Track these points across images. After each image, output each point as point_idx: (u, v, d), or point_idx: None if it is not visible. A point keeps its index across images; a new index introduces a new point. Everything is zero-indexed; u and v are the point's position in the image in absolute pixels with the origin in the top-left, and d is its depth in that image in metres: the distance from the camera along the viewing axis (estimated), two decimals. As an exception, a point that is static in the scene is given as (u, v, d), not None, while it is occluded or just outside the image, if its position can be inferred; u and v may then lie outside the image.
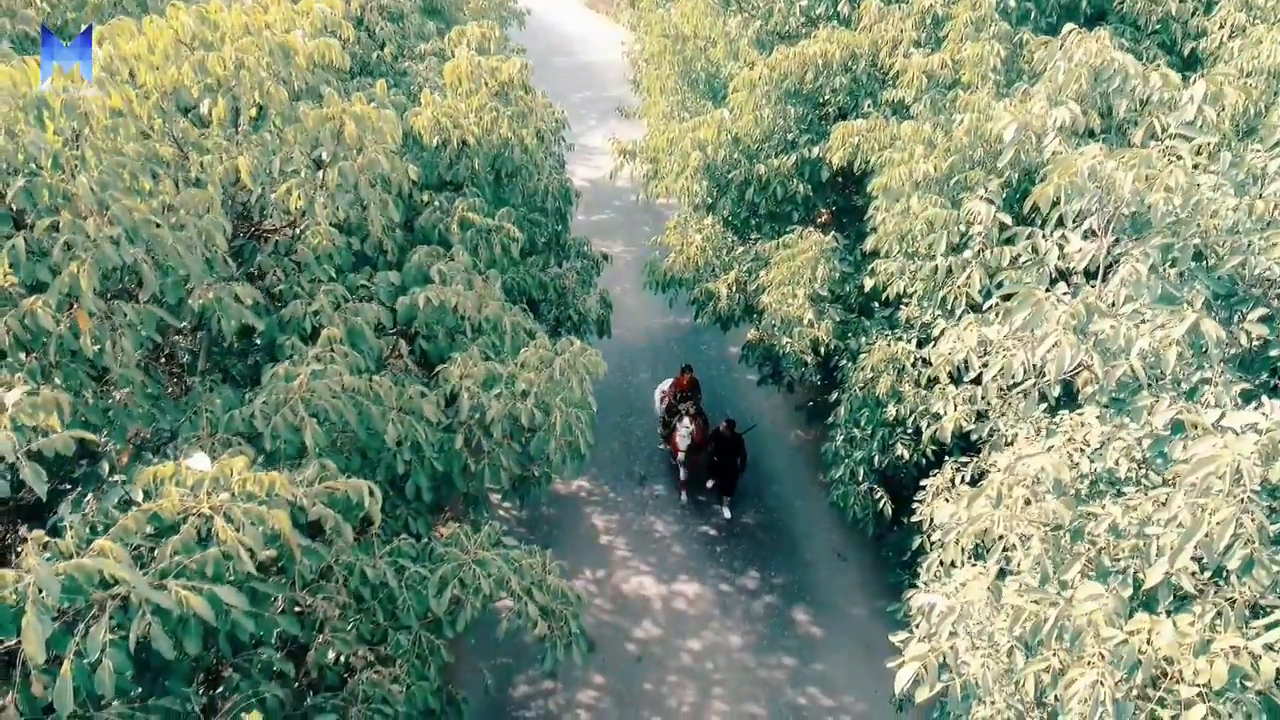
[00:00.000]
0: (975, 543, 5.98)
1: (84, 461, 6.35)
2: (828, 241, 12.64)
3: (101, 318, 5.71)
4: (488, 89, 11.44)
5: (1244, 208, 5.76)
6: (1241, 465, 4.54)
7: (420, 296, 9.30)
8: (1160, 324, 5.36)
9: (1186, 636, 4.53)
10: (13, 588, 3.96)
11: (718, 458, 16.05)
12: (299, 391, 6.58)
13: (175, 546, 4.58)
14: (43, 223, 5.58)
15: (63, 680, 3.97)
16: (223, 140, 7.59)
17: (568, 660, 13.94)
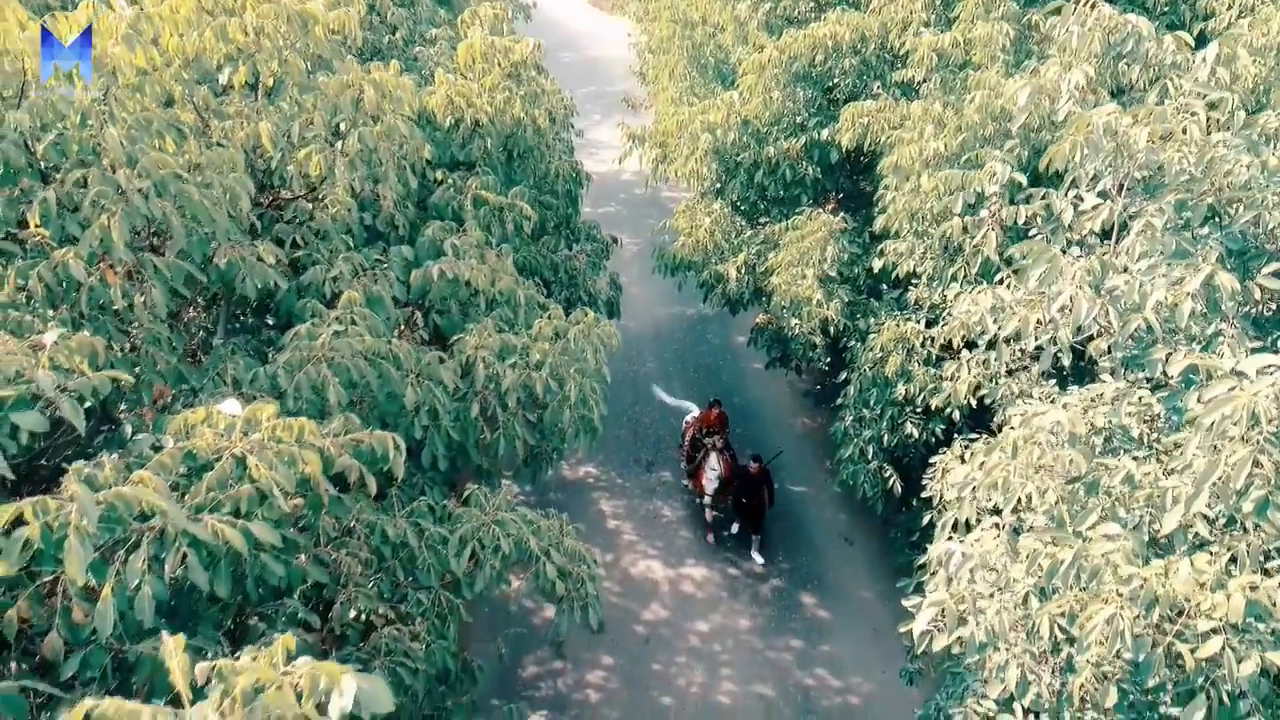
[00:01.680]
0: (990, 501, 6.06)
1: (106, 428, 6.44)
2: (837, 223, 12.74)
3: (131, 270, 5.80)
4: (500, 69, 11.54)
5: (1257, 165, 5.85)
6: (1258, 407, 4.62)
7: (434, 269, 9.39)
8: (1175, 278, 5.45)
9: (1203, 574, 4.61)
10: (55, 514, 4.05)
11: (745, 498, 15.08)
12: (321, 351, 6.66)
13: (210, 483, 4.68)
14: (72, 175, 5.67)
15: (103, 604, 4.05)
16: (243, 107, 7.68)
17: (577, 641, 14.16)
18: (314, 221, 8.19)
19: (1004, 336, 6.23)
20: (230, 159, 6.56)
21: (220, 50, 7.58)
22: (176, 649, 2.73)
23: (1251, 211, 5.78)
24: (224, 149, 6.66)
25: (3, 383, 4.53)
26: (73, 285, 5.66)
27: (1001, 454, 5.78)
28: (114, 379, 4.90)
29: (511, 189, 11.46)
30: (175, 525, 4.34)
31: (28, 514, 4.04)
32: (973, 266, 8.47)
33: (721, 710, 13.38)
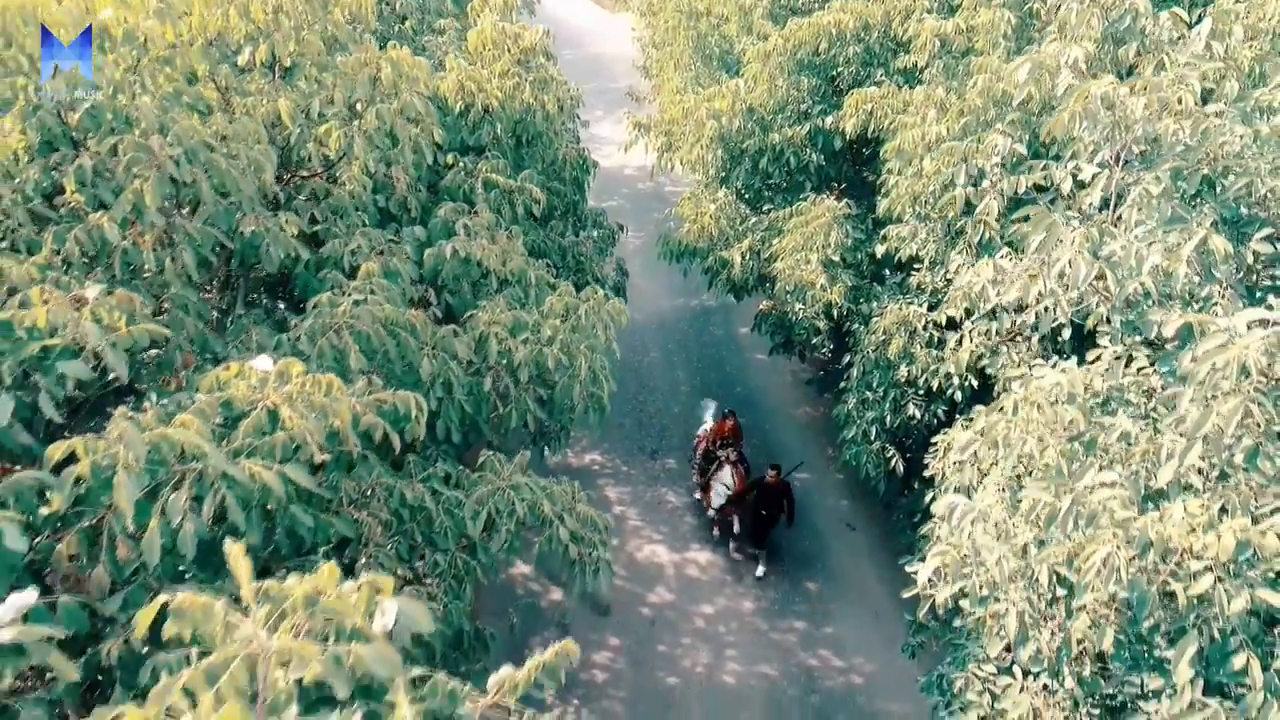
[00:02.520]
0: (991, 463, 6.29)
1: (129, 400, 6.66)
2: (840, 208, 12.97)
3: (162, 235, 6.03)
4: (511, 55, 11.77)
5: (1249, 135, 6.07)
6: (1248, 360, 4.85)
7: (448, 248, 9.63)
8: (1171, 243, 5.68)
9: (1195, 518, 4.83)
10: (103, 453, 4.27)
11: (764, 510, 14.56)
12: (343, 318, 6.89)
13: (247, 429, 4.90)
14: (107, 141, 5.90)
15: (150, 536, 4.28)
16: (263, 85, 7.91)
17: (584, 623, 14.38)
18: (331, 198, 8.41)
19: (1005, 302, 6.45)
20: (254, 131, 6.79)
21: (241, 29, 7.82)
22: (239, 554, 2.94)
23: (1244, 179, 6.01)
24: (248, 121, 6.88)
25: (49, 333, 4.75)
26: (107, 248, 5.89)
27: (1001, 414, 6.00)
28: (151, 333, 5.13)
29: (520, 174, 11.69)
30: (215, 467, 4.56)
31: (79, 451, 4.26)
32: (975, 235, 8.68)
33: (726, 690, 13.59)
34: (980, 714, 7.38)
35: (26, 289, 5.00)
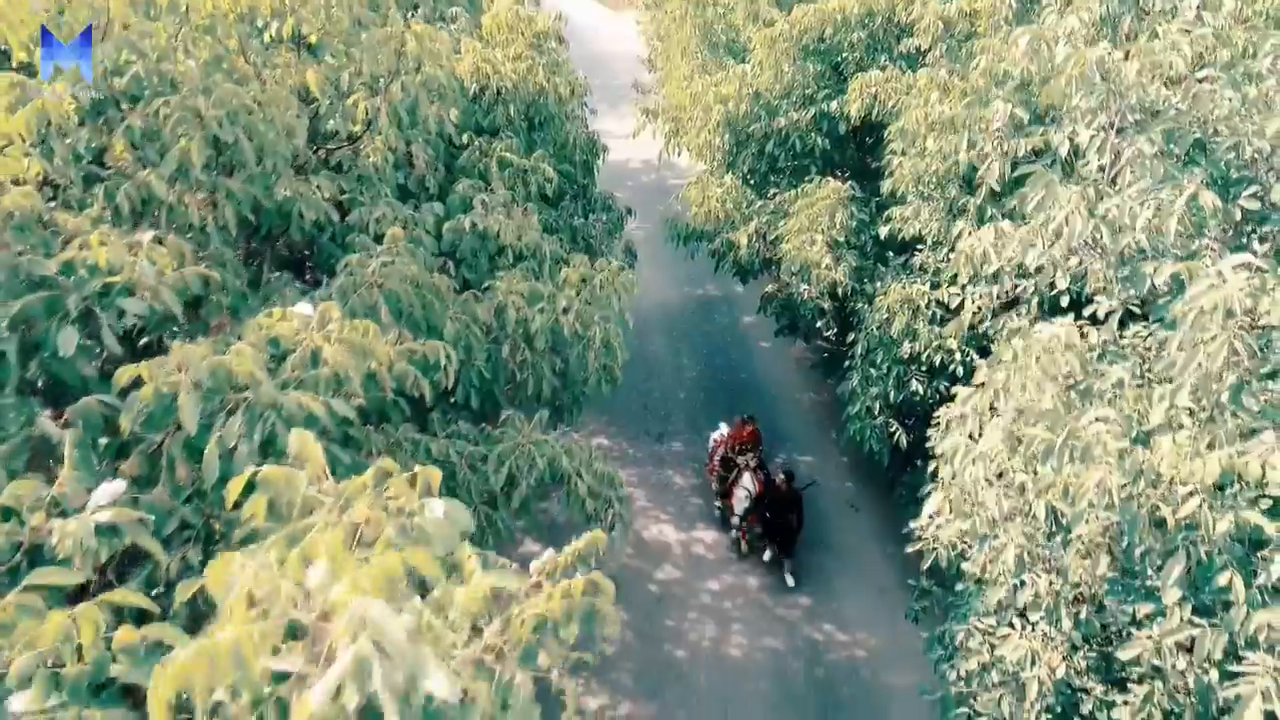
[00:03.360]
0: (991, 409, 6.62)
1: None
2: (845, 189, 13.32)
3: (206, 192, 6.38)
4: (524, 38, 12.11)
5: (1238, 99, 6.41)
6: (1233, 302, 5.19)
7: (465, 221, 10.00)
8: (1163, 199, 6.01)
9: (1183, 448, 5.16)
10: (165, 379, 4.61)
11: (771, 515, 14.46)
12: (373, 277, 7.23)
13: (294, 364, 5.24)
14: (155, 103, 6.24)
15: (209, 455, 4.61)
16: (290, 58, 8.26)
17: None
18: (356, 168, 8.75)
19: (1005, 260, 6.78)
20: (287, 99, 7.13)
21: (268, 4, 8.18)
22: (310, 440, 3.28)
23: (1232, 140, 6.34)
24: (280, 89, 7.23)
25: (108, 272, 5.10)
26: (154, 204, 6.23)
27: (1002, 364, 6.35)
28: (201, 275, 5.47)
29: (533, 154, 12.04)
30: (266, 397, 4.90)
31: (144, 375, 4.61)
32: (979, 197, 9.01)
33: (732, 662, 13.93)
34: (981, 662, 7.71)
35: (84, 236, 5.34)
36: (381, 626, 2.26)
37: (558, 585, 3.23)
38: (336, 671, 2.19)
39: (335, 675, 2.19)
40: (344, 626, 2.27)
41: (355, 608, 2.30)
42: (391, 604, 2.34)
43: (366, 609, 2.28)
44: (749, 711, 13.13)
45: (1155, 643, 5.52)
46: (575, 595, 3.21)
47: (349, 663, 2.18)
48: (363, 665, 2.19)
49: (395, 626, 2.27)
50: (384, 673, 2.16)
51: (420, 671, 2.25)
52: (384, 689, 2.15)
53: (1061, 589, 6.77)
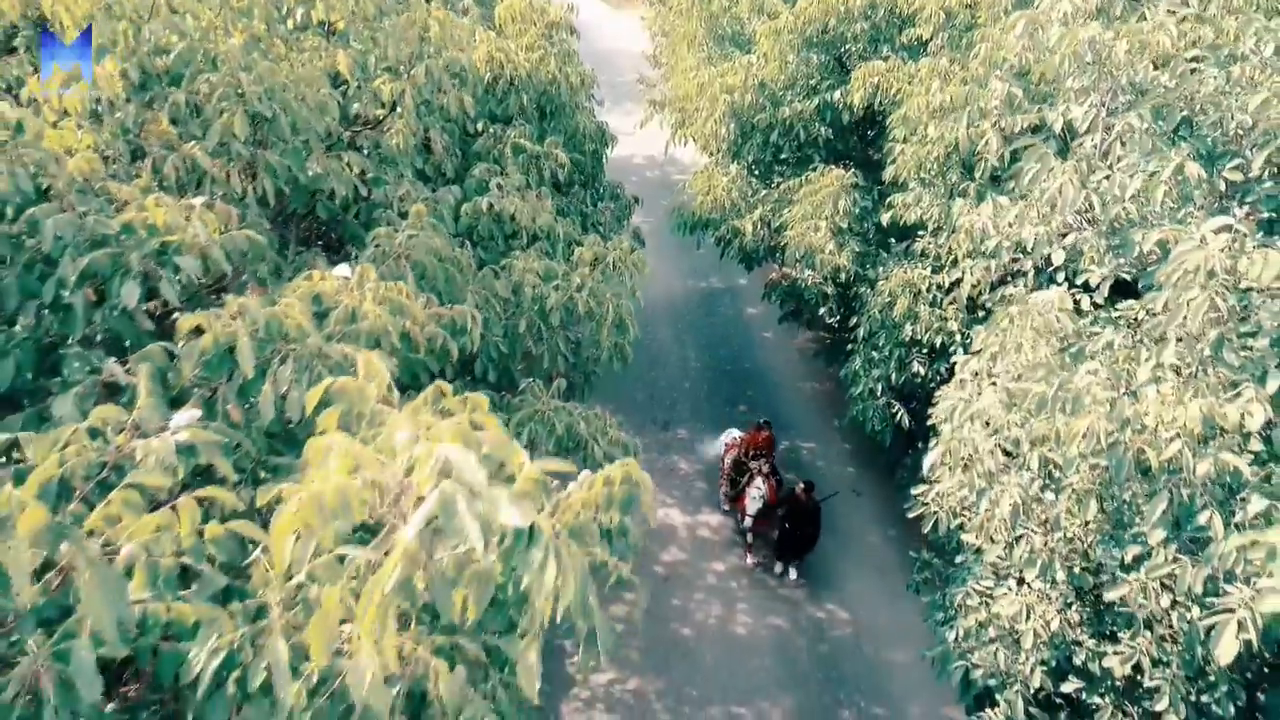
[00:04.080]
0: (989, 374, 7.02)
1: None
2: (848, 177, 13.72)
3: (245, 164, 6.77)
4: (537, 28, 12.51)
5: (1222, 78, 6.80)
6: (1214, 262, 5.58)
7: (483, 203, 10.40)
8: (1150, 170, 6.41)
9: (1167, 397, 5.55)
10: (222, 328, 5.00)
11: (790, 526, 14.34)
12: (400, 249, 7.63)
13: (336, 319, 5.64)
14: (200, 79, 6.64)
15: (265, 398, 5.00)
16: (318, 42, 8.66)
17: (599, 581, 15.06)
18: (380, 149, 9.15)
19: (1003, 230, 7.17)
20: (320, 78, 7.53)
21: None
22: (373, 359, 3.67)
23: (1216, 115, 6.73)
24: (313, 69, 7.63)
25: (165, 232, 5.50)
26: (199, 175, 6.63)
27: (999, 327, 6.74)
28: (248, 238, 5.87)
29: (546, 140, 12.43)
30: (313, 347, 5.29)
31: (205, 324, 5.00)
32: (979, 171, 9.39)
33: (737, 639, 14.32)
34: (977, 619, 8.10)
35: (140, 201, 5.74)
36: (463, 467, 2.64)
37: (599, 475, 3.62)
38: (427, 507, 2.58)
39: (426, 511, 2.58)
40: (430, 471, 2.66)
41: (439, 452, 2.68)
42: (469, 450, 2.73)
43: (449, 453, 2.67)
44: (754, 686, 13.52)
45: (1141, 583, 5.91)
46: (616, 484, 3.60)
47: (437, 499, 2.57)
48: (449, 501, 2.57)
49: (475, 467, 2.65)
50: (468, 505, 2.54)
51: (495, 506, 2.64)
52: (469, 519, 2.53)
53: (1056, 544, 7.16)
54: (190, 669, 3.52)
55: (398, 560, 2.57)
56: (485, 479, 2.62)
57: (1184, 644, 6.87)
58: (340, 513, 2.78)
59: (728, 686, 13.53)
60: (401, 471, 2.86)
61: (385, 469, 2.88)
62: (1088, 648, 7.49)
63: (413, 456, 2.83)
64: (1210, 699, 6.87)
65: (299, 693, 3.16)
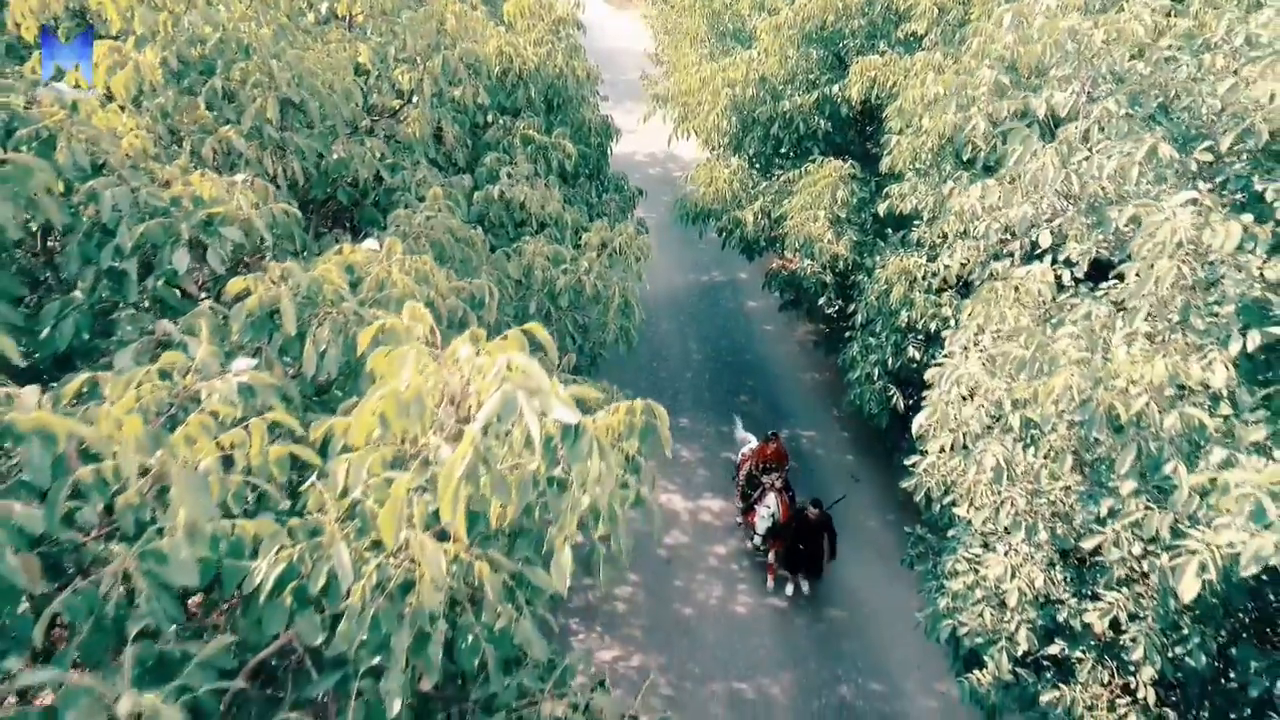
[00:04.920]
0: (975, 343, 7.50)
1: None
2: (846, 168, 14.21)
3: (275, 146, 7.26)
4: (544, 24, 13.00)
5: (1194, 65, 7.28)
6: (1180, 233, 6.07)
7: (494, 190, 10.89)
8: (1126, 151, 6.89)
9: (1136, 358, 6.02)
10: (267, 291, 5.48)
11: (803, 545, 14.24)
12: (420, 228, 8.11)
13: (368, 286, 6.11)
14: (235, 67, 7.13)
15: (308, 354, 5.47)
16: (341, 35, 9.16)
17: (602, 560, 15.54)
18: (397, 137, 9.65)
19: (988, 209, 7.65)
20: (345, 66, 8.02)
21: (322, -14, 9.11)
22: (417, 306, 4.14)
23: (1188, 100, 7.21)
24: (338, 57, 8.12)
25: (211, 204, 5.98)
26: (234, 156, 7.12)
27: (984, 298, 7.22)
28: (286, 210, 6.35)
29: (553, 132, 12.93)
30: (348, 310, 5.77)
31: (251, 286, 5.48)
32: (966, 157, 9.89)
33: (738, 618, 14.79)
34: (966, 582, 8.58)
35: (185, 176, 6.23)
36: (525, 367, 3.11)
37: (622, 405, 4.10)
38: (492, 405, 3.04)
39: (491, 408, 3.04)
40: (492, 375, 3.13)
41: (501, 360, 3.15)
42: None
43: (514, 357, 3.14)
44: (754, 663, 13.99)
45: (1115, 533, 6.38)
46: (636, 414, 4.08)
47: (500, 397, 3.03)
48: (510, 398, 3.03)
49: (534, 368, 3.12)
50: (527, 401, 3.00)
51: (550, 405, 3.10)
52: (529, 413, 3.00)
53: (1038, 507, 7.64)
54: (252, 580, 4.01)
55: (467, 449, 3.04)
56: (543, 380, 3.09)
57: (1159, 598, 7.35)
58: (415, 408, 3.25)
59: (728, 663, 13.98)
60: (464, 379, 3.33)
61: (451, 374, 3.35)
62: (1070, 606, 7.97)
63: (475, 366, 3.30)
64: (1184, 650, 7.34)
65: (362, 591, 3.63)
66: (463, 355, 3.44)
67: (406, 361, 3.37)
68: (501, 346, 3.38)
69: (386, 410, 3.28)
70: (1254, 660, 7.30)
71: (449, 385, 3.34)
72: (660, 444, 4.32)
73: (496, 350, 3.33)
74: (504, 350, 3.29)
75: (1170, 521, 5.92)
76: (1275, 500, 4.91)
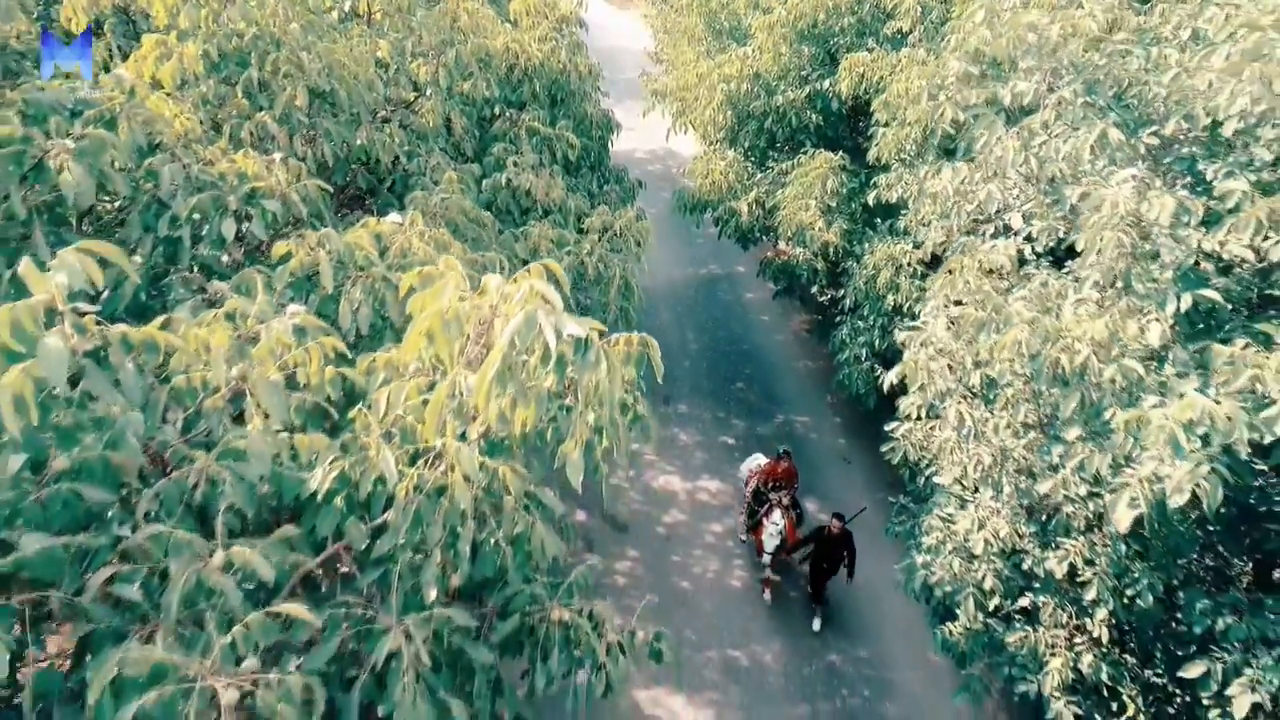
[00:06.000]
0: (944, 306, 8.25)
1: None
2: (836, 160, 14.98)
3: (306, 131, 8.02)
4: (549, 22, 13.78)
5: (1144, 56, 8.02)
6: (1121, 205, 6.82)
7: (501, 178, 11.65)
8: (1079, 135, 7.63)
9: (1081, 316, 6.76)
10: (306, 254, 6.23)
11: (826, 563, 14.11)
12: (436, 208, 8.88)
13: (394, 253, 6.87)
14: (269, 58, 7.89)
15: (343, 311, 6.23)
16: (361, 31, 9.92)
17: (605, 537, 16.31)
18: (413, 127, 10.41)
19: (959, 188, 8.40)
20: (368, 59, 8.79)
21: (342, -14, 9.88)
22: (449, 258, 4.89)
23: (1137, 89, 7.95)
24: (360, 51, 8.89)
25: (254, 179, 6.75)
26: (267, 137, 7.88)
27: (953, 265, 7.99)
28: (319, 185, 7.11)
29: (557, 125, 13.69)
30: (378, 273, 6.53)
31: (293, 249, 6.23)
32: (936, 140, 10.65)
33: (733, 591, 15.54)
34: (938, 536, 9.33)
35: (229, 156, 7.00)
36: (544, 293, 3.86)
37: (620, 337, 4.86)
38: (518, 320, 3.78)
39: (517, 323, 3.78)
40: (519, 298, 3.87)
41: (525, 285, 3.90)
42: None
43: (535, 283, 3.88)
44: (748, 632, 14.73)
45: (1064, 477, 7.13)
46: (633, 344, 4.83)
47: (524, 316, 3.77)
48: (532, 316, 3.78)
49: (552, 293, 3.86)
50: (546, 318, 3.75)
51: (564, 321, 3.84)
52: (548, 326, 3.74)
53: (1005, 463, 8.40)
54: (308, 487, 4.76)
55: (497, 356, 3.79)
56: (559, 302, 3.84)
57: (1111, 544, 8.11)
58: (454, 327, 4.00)
59: (723, 632, 14.73)
60: (493, 305, 4.08)
61: (484, 299, 4.11)
62: (1034, 555, 8.72)
63: (502, 293, 4.05)
64: (1134, 592, 8.09)
65: (405, 489, 4.39)
66: (492, 284, 4.20)
67: (447, 289, 4.13)
68: (525, 276, 4.14)
69: (433, 327, 4.03)
70: (1199, 602, 8.05)
71: (480, 310, 4.09)
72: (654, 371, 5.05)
73: (522, 279, 4.08)
74: (528, 279, 4.05)
75: (1109, 462, 6.66)
76: (1188, 433, 5.65)
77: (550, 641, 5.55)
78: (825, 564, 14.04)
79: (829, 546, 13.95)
